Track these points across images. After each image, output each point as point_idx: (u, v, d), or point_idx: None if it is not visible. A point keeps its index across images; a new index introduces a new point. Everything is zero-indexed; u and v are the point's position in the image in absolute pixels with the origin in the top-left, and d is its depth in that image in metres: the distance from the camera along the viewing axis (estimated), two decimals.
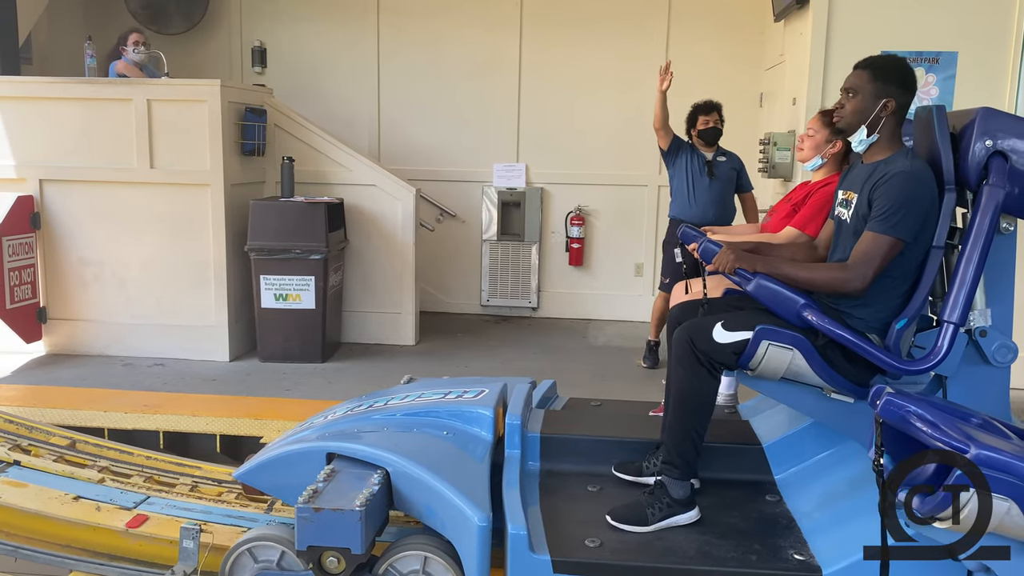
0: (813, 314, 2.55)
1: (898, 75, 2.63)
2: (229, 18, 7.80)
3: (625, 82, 7.39)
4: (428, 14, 7.55)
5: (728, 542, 2.57)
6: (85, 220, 5.94)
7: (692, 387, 2.66)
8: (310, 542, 2.44)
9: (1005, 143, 2.44)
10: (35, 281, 5.92)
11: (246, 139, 6.01)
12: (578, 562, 2.46)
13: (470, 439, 2.91)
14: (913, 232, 2.51)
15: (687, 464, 2.68)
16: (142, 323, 5.96)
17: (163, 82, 5.96)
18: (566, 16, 7.43)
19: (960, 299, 2.41)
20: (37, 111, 5.89)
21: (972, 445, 1.86)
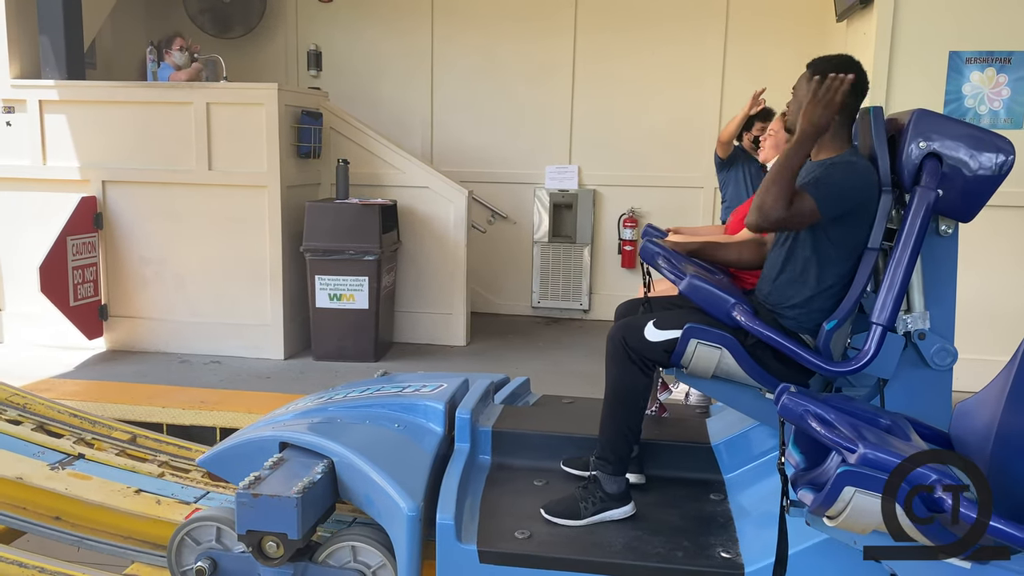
0: (742, 314, 2.55)
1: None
2: (286, 22, 7.92)
3: (681, 83, 7.32)
4: (482, 16, 7.58)
5: (658, 538, 2.58)
6: (145, 220, 6.08)
7: (624, 385, 2.68)
8: (249, 526, 2.52)
9: (939, 145, 2.43)
10: (97, 279, 6.08)
11: (302, 142, 6.10)
12: (504, 553, 2.50)
13: (420, 432, 2.97)
14: (833, 214, 2.47)
15: (620, 460, 2.71)
16: (200, 321, 6.08)
17: (222, 86, 6.08)
18: (621, 17, 7.39)
19: (888, 301, 2.40)
20: (101, 114, 6.05)
21: (860, 445, 1.89)
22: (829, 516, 1.94)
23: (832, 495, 1.89)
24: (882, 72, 5.13)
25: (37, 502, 3.49)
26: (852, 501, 1.87)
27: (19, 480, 3.49)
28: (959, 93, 5.14)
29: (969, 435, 2.21)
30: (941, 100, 5.13)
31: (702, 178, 7.33)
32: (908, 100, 5.13)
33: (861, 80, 2.62)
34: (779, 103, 5.45)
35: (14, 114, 6.13)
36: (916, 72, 5.12)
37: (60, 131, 6.07)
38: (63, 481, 3.50)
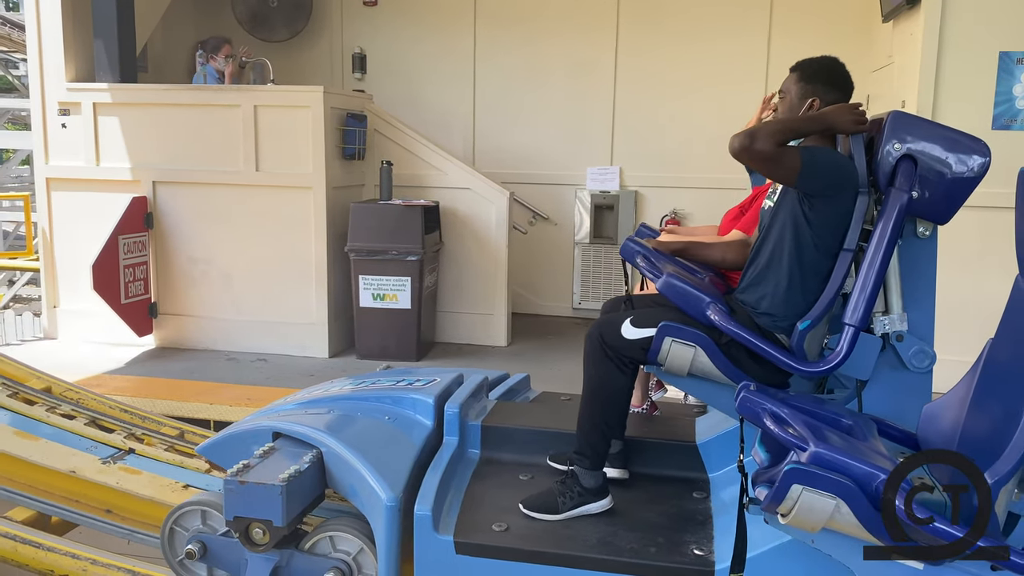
0: (716, 313, 2.57)
1: (824, 75, 2.66)
2: (331, 25, 8.03)
3: (724, 82, 7.26)
4: (524, 18, 7.60)
5: (634, 534, 2.59)
6: (194, 220, 6.21)
7: (601, 382, 2.71)
8: (236, 512, 2.58)
9: (915, 146, 2.43)
10: (147, 278, 6.23)
11: (347, 143, 6.18)
12: (479, 544, 2.54)
13: (410, 425, 3.01)
14: (811, 178, 2.48)
15: (597, 455, 2.73)
16: (246, 319, 6.20)
17: (269, 89, 6.19)
18: (664, 15, 7.35)
19: (861, 302, 2.40)
20: (152, 116, 6.20)
21: (811, 444, 1.91)
22: (780, 513, 1.95)
23: (780, 492, 1.90)
24: (929, 73, 5.05)
25: (89, 495, 3.60)
26: (800, 499, 1.89)
27: (72, 473, 3.60)
28: (1009, 95, 5.03)
29: (934, 437, 2.21)
30: (991, 102, 5.03)
31: (745, 179, 7.24)
32: (956, 102, 5.03)
33: (845, 80, 2.68)
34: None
35: (69, 116, 6.31)
36: (965, 73, 5.02)
37: (113, 133, 6.23)
38: (114, 475, 3.61)
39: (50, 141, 6.38)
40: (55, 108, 6.32)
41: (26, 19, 6.51)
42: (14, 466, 3.75)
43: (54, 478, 3.63)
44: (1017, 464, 1.83)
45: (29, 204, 8.50)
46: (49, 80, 6.33)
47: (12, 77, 17.10)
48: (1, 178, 14.59)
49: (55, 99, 6.32)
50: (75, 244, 6.31)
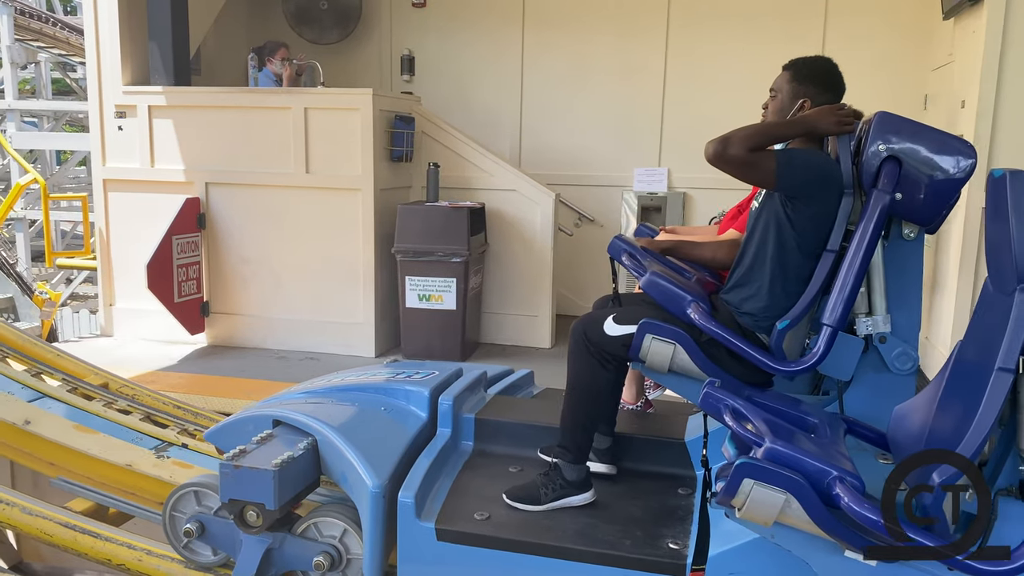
0: (696, 311, 2.59)
1: (817, 76, 2.69)
2: (380, 27, 8.10)
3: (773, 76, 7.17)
4: (573, 19, 7.58)
5: (613, 527, 2.63)
6: (245, 221, 6.32)
7: (584, 377, 2.75)
8: (231, 495, 2.70)
9: (899, 147, 2.42)
10: (200, 277, 6.35)
11: (395, 146, 6.23)
12: (459, 532, 2.61)
13: (405, 415, 3.10)
14: (787, 182, 2.50)
15: (579, 449, 2.77)
16: (296, 319, 6.28)
17: (319, 91, 6.27)
18: (715, 16, 7.28)
19: (839, 302, 2.40)
20: (205, 119, 6.32)
21: (766, 440, 1.96)
22: (735, 507, 1.99)
23: (733, 486, 1.95)
24: (992, 72, 4.91)
25: (144, 488, 3.70)
26: (751, 493, 1.93)
27: (128, 467, 3.70)
28: None
29: (903, 437, 2.22)
30: None
31: None
32: (1019, 101, 4.90)
33: (837, 82, 2.70)
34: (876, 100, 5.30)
35: (125, 119, 6.46)
36: None
37: (167, 135, 6.37)
38: (168, 469, 3.70)
39: (107, 143, 6.54)
40: (112, 111, 6.48)
41: (85, 24, 6.68)
42: (74, 459, 3.88)
43: (111, 471, 3.74)
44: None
45: (87, 204, 8.72)
46: (106, 83, 6.50)
47: (70, 80, 17.59)
48: (59, 179, 14.99)
49: (112, 102, 6.48)
50: (130, 244, 6.45)
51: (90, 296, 13.00)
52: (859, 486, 1.89)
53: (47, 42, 14.77)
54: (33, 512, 3.35)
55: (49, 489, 3.89)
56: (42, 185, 8.48)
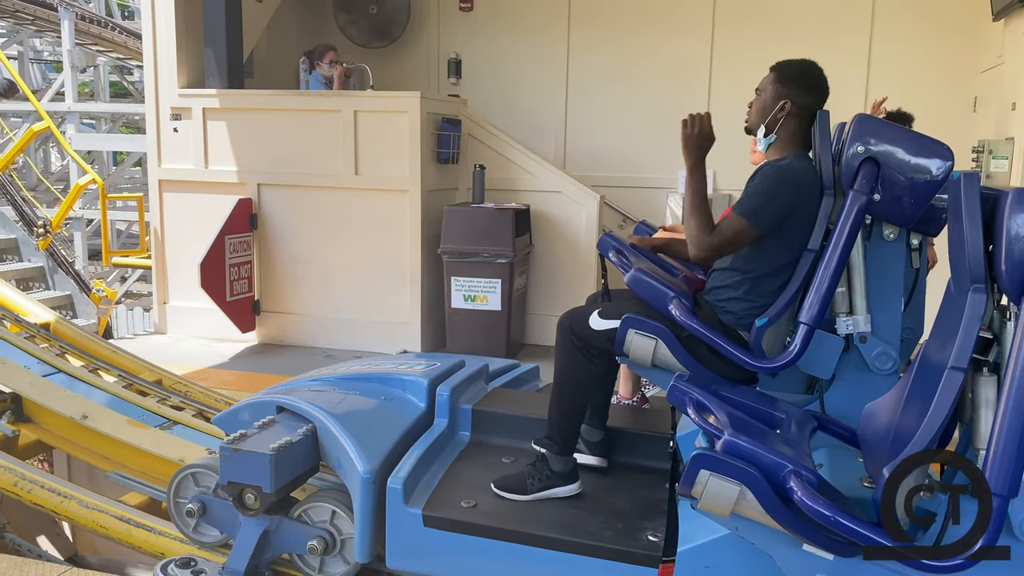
0: (677, 307, 2.62)
1: (800, 78, 2.67)
2: (428, 31, 8.19)
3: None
4: (618, 20, 7.59)
5: (596, 518, 2.67)
6: (296, 221, 6.43)
7: (570, 371, 2.79)
8: (230, 477, 2.77)
9: (878, 149, 2.44)
10: (251, 276, 6.48)
11: (442, 148, 6.30)
12: (446, 519, 2.67)
13: (403, 404, 3.16)
14: (768, 224, 2.55)
15: (566, 440, 2.81)
16: (343, 318, 6.38)
17: (369, 94, 6.37)
18: (760, 16, 7.23)
19: (815, 301, 2.43)
20: (257, 121, 6.45)
21: (725, 433, 2.00)
22: (694, 497, 2.02)
23: (690, 477, 1.99)
24: None
25: None
26: (707, 484, 1.96)
27: (181, 462, 3.79)
28: None
29: (871, 435, 2.23)
30: None
31: None
32: None
33: (821, 86, 2.68)
34: (923, 103, 5.22)
35: (181, 121, 6.63)
36: None
37: (221, 136, 6.51)
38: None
39: (163, 144, 6.71)
40: (168, 113, 6.65)
41: (143, 29, 6.86)
42: (128, 454, 3.99)
43: (164, 466, 3.84)
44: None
45: (143, 204, 8.94)
46: (163, 86, 6.66)
47: (127, 83, 18.05)
48: (115, 179, 15.37)
49: (168, 104, 6.64)
50: (184, 243, 6.61)
51: (143, 294, 13.32)
52: (813, 480, 1.91)
53: (106, 46, 15.18)
54: (90, 505, 3.45)
55: (104, 483, 4.01)
56: (100, 186, 8.72)
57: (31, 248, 8.41)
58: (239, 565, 2.87)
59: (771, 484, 1.93)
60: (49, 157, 17.12)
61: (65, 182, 13.64)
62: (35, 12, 14.02)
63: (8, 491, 3.58)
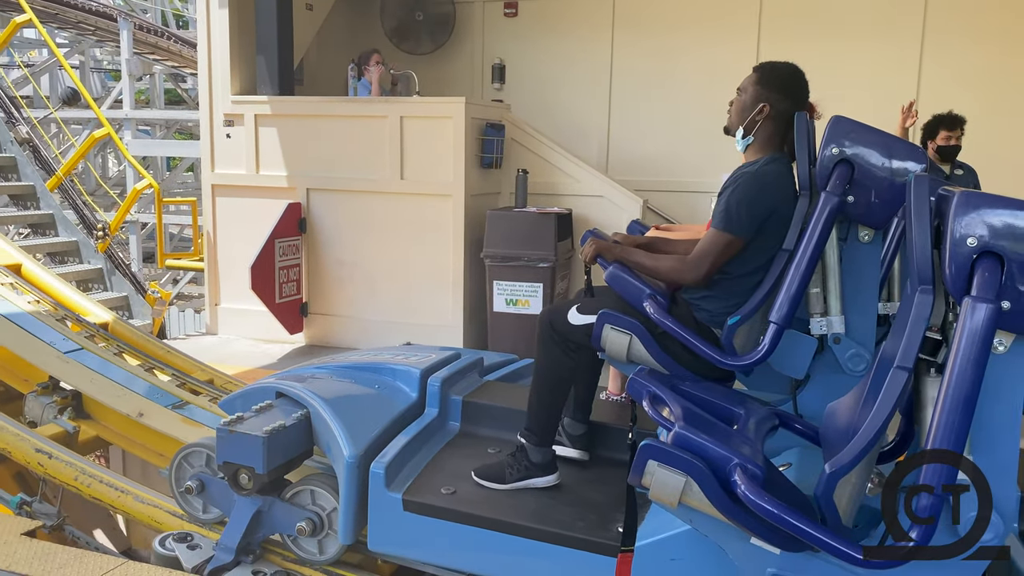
0: (651, 304, 2.66)
1: (780, 82, 2.68)
2: (472, 37, 8.29)
3: (871, 86, 6.99)
4: (663, 24, 7.59)
5: (571, 509, 2.72)
6: (343, 225, 6.57)
7: (549, 364, 2.85)
8: (225, 458, 2.92)
9: (851, 151, 2.45)
10: (300, 279, 6.63)
11: (485, 152, 6.38)
12: (424, 504, 2.76)
13: (395, 393, 3.27)
14: (749, 230, 2.59)
15: (544, 432, 2.86)
16: (388, 320, 6.49)
17: (414, 100, 6.48)
18: (809, 19, 7.16)
19: (784, 301, 2.44)
20: (307, 127, 6.60)
21: (675, 426, 2.05)
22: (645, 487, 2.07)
23: (639, 466, 2.04)
24: None
25: None
26: (655, 474, 2.02)
27: None
28: None
29: (832, 433, 2.25)
30: None
31: None
32: None
33: (800, 91, 2.68)
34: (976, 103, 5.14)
35: (233, 127, 6.81)
36: None
37: (272, 142, 6.68)
38: None
39: (216, 150, 6.90)
40: (221, 119, 6.84)
41: (198, 38, 7.07)
42: None
43: None
44: (857, 457, 1.87)
45: (196, 208, 9.18)
46: (217, 93, 6.85)
47: (181, 90, 18.51)
48: (168, 184, 15.78)
49: (221, 111, 6.84)
50: (235, 246, 6.79)
51: (193, 296, 13.66)
52: (759, 475, 1.94)
53: (161, 55, 15.62)
54: (145, 500, 3.57)
55: (156, 479, 4.14)
56: (156, 190, 8.98)
57: (90, 250, 8.68)
58: (231, 542, 3.01)
59: (717, 477, 1.97)
60: (107, 163, 17.62)
61: (122, 187, 14.05)
62: (96, 23, 14.50)
63: (69, 485, 3.72)
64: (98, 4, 15.58)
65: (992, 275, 1.74)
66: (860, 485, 2.01)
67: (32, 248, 7.73)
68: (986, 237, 1.76)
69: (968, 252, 1.77)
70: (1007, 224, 1.75)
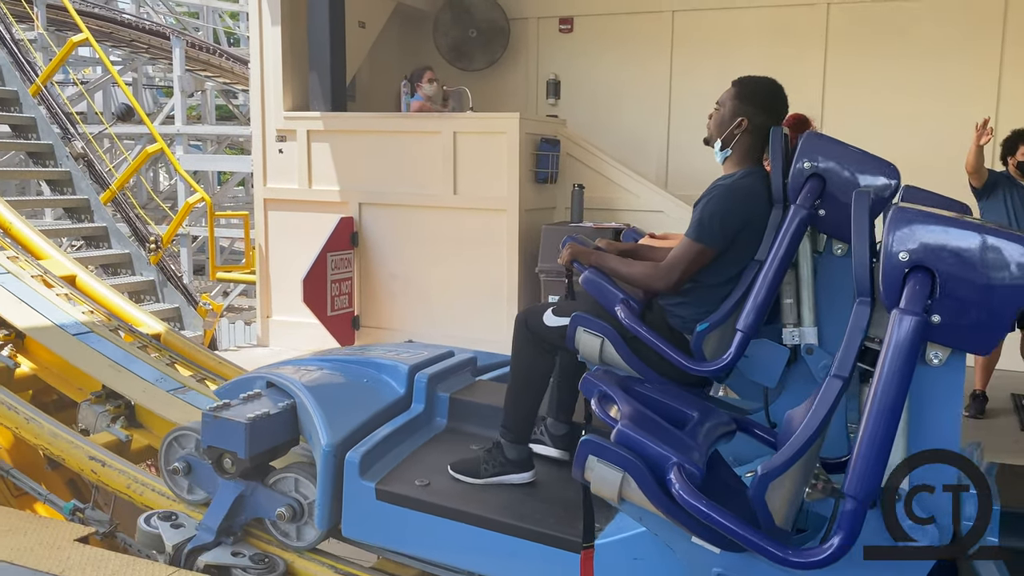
0: (623, 308, 2.68)
1: (758, 97, 2.71)
2: (527, 53, 8.24)
3: (946, 103, 6.78)
4: (723, 38, 7.48)
5: (543, 505, 2.73)
6: (395, 240, 6.54)
7: (525, 365, 2.91)
8: (210, 442, 3.00)
9: (823, 166, 2.50)
10: (352, 292, 6.61)
11: (540, 168, 6.31)
12: (396, 493, 2.80)
13: (383, 387, 3.31)
14: (721, 242, 2.61)
15: (519, 430, 2.89)
16: (440, 333, 6.38)
17: (468, 116, 6.44)
18: (878, 33, 7.01)
19: (751, 309, 2.46)
20: (359, 142, 6.60)
21: (619, 424, 2.09)
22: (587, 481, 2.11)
23: (580, 461, 2.10)
24: None
25: None
26: (595, 469, 2.07)
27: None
28: None
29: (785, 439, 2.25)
30: None
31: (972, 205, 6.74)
32: None
33: (778, 106, 2.73)
34: None
35: (286, 142, 6.83)
36: None
37: (324, 157, 6.69)
38: None
39: (268, 165, 6.92)
40: (273, 135, 6.87)
41: (251, 55, 7.12)
42: None
43: None
44: (787, 462, 1.90)
45: (248, 222, 9.24)
46: (269, 109, 6.89)
47: (232, 106, 18.80)
48: (219, 198, 15.99)
49: (274, 126, 6.87)
50: (287, 259, 6.79)
51: (243, 308, 13.76)
52: (696, 475, 1.98)
53: (213, 72, 15.88)
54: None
55: None
56: (209, 204, 9.05)
57: (143, 262, 8.77)
58: (213, 523, 3.06)
59: (656, 475, 2.01)
60: (158, 177, 17.93)
61: (173, 200, 14.26)
62: (149, 41, 14.80)
63: (121, 493, 3.70)
64: (151, 23, 15.92)
65: (922, 288, 1.78)
66: (795, 489, 2.03)
67: (86, 260, 7.81)
68: (918, 252, 1.80)
69: (900, 266, 1.81)
70: (938, 240, 1.80)
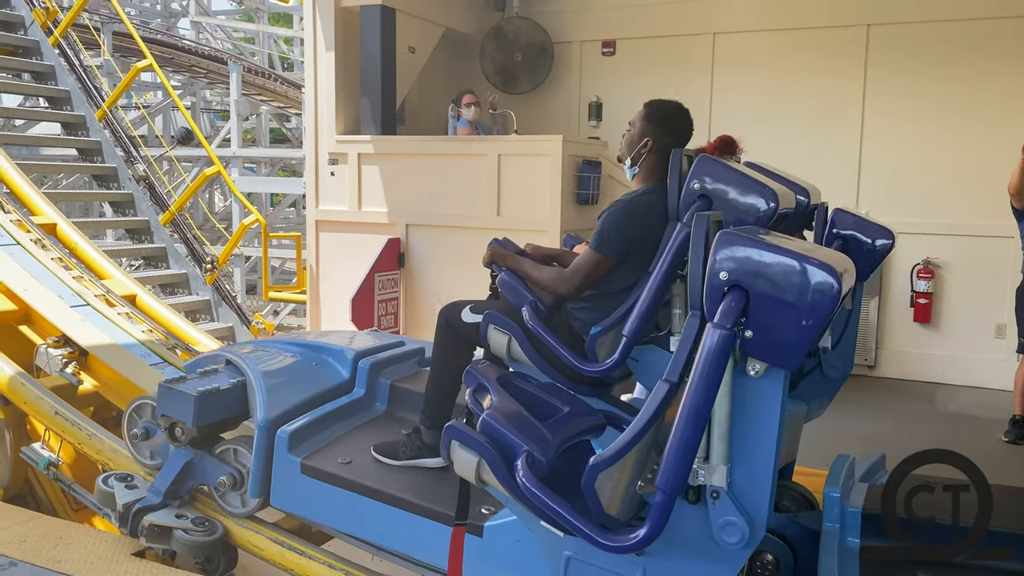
0: (528, 310, 2.83)
1: (662, 119, 2.89)
2: (569, 76, 8.34)
3: (987, 120, 6.71)
4: (764, 60, 7.49)
5: (450, 488, 2.80)
6: (440, 260, 6.65)
7: (442, 356, 3.08)
8: (163, 411, 3.26)
9: (710, 187, 2.63)
10: (398, 312, 6.73)
11: (581, 189, 6.38)
12: (318, 469, 3.03)
13: (329, 371, 3.52)
14: (617, 253, 2.78)
15: (435, 418, 3.05)
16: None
17: (512, 138, 6.54)
18: (917, 56, 6.95)
19: (636, 316, 2.57)
20: (407, 165, 6.74)
21: (483, 414, 2.24)
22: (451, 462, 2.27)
23: (444, 444, 2.29)
24: None
25: None
26: (456, 452, 2.26)
27: None
28: None
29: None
30: None
31: (1012, 227, 6.62)
32: None
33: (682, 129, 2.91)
34: None
35: (337, 165, 7.01)
36: None
37: (374, 179, 6.85)
38: None
39: (320, 187, 7.10)
40: (326, 158, 7.05)
41: (305, 81, 7.33)
42: None
43: None
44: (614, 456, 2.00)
45: (300, 243, 9.46)
46: (322, 133, 7.08)
47: (285, 129, 19.23)
48: (271, 220, 16.33)
49: (326, 150, 7.05)
50: (336, 279, 6.95)
51: (292, 327, 14.02)
52: (542, 463, 2.12)
53: (268, 96, 16.28)
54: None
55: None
56: (263, 225, 9.29)
57: (199, 282, 9.01)
58: (162, 486, 3.32)
59: (509, 461, 2.16)
60: (213, 198, 18.40)
61: (227, 221, 14.61)
62: (208, 67, 15.25)
63: None
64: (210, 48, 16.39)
65: (736, 305, 1.88)
66: (626, 482, 2.14)
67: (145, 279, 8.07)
68: (735, 272, 1.91)
69: (720, 284, 1.92)
70: (753, 262, 1.91)
